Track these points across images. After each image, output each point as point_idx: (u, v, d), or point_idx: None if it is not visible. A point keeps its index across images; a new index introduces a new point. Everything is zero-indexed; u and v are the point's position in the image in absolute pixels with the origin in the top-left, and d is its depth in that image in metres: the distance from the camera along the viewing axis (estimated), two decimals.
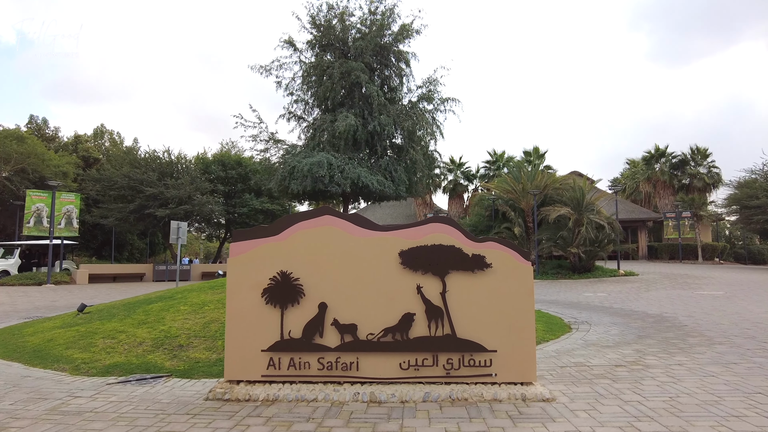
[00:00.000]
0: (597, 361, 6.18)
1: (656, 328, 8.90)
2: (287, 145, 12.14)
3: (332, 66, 11.60)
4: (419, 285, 4.81)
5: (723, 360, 6.07)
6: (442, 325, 4.77)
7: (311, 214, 5.04)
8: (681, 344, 7.23)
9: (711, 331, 8.30)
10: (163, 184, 24.43)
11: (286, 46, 12.68)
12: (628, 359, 6.24)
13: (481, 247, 4.86)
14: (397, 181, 11.58)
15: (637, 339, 7.83)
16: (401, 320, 4.78)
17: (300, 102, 12.48)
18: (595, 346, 7.30)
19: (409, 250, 4.85)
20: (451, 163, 39.03)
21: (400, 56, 12.26)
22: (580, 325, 9.56)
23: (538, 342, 7.64)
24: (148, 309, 8.75)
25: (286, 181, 11.13)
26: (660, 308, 11.78)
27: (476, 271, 4.81)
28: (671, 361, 6.05)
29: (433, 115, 12.80)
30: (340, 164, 10.69)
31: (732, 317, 9.93)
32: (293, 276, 4.89)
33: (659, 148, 37.21)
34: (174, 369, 5.97)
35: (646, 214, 36.35)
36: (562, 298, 15.25)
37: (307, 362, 4.81)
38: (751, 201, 26.31)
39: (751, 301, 12.76)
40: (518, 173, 26.55)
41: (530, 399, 4.46)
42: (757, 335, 7.81)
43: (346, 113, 11.19)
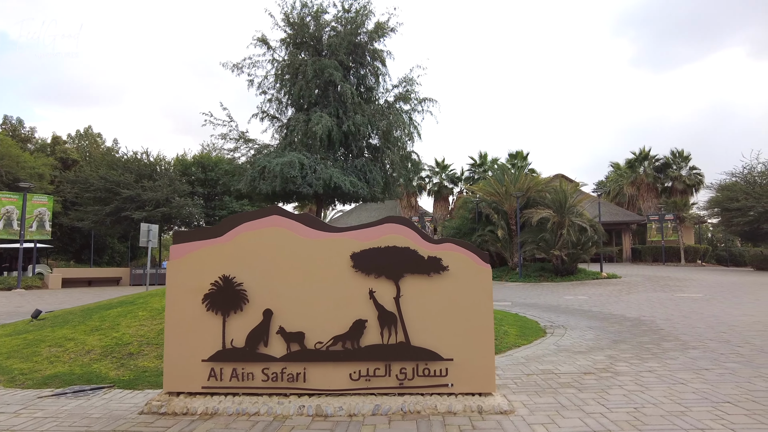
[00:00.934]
0: (566, 368, 5.93)
1: (632, 332, 8.69)
2: (258, 144, 11.80)
3: (305, 64, 11.30)
4: (372, 289, 4.51)
5: (695, 366, 5.84)
6: (396, 333, 4.47)
7: (257, 214, 4.72)
8: (655, 349, 7.01)
9: (686, 335, 8.11)
10: (141, 186, 23.89)
11: (259, 44, 12.35)
12: (598, 366, 5.99)
13: (437, 249, 4.58)
14: (372, 182, 11.28)
15: (612, 344, 7.60)
16: (352, 327, 4.48)
17: (273, 101, 12.16)
18: (568, 351, 7.06)
19: (362, 252, 4.55)
20: (436, 166, 38.87)
21: (375, 55, 11.99)
22: (555, 330, 9.32)
23: (509, 348, 7.39)
24: (105, 315, 8.34)
25: (255, 181, 10.79)
26: (639, 311, 11.61)
27: (432, 275, 4.52)
28: (642, 368, 5.81)
29: (410, 116, 12.54)
30: (312, 164, 10.37)
31: (709, 320, 9.76)
32: (236, 281, 4.57)
33: (643, 150, 37.40)
34: (118, 379, 5.60)
35: (630, 216, 36.45)
36: (542, 301, 15.05)
37: (251, 373, 4.48)
38: (731, 203, 26.43)
39: (729, 303, 12.65)
40: (501, 176, 26.41)
41: (487, 411, 4.18)
42: (731, 339, 7.62)
43: (320, 113, 10.88)
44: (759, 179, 26.71)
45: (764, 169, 26.73)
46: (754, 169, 27.21)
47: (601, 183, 48.78)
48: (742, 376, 5.27)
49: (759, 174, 26.89)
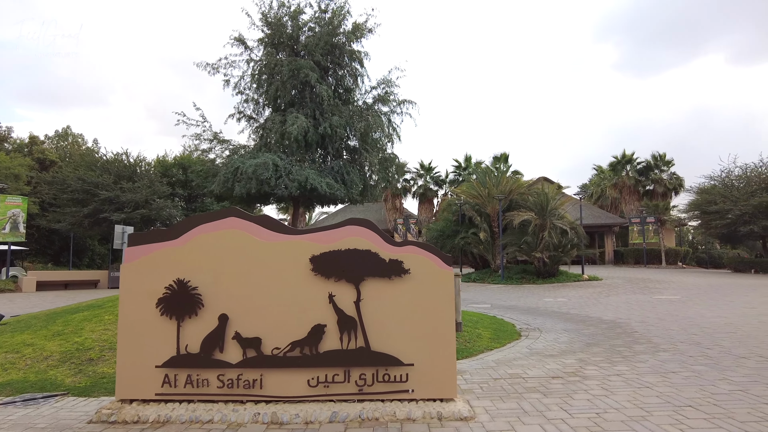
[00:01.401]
0: (535, 372, 5.86)
1: (607, 334, 8.69)
2: (234, 145, 11.62)
3: (281, 64, 11.16)
4: (331, 293, 4.40)
5: (663, 369, 5.82)
6: (356, 337, 4.37)
7: (214, 216, 4.59)
8: (626, 352, 6.99)
9: (659, 338, 8.11)
10: (119, 188, 23.49)
11: (236, 43, 12.19)
12: (567, 369, 5.94)
13: (399, 252, 4.48)
14: (350, 184, 11.16)
15: (585, 347, 7.57)
16: (311, 333, 4.36)
17: (250, 101, 12.00)
18: (539, 355, 7.01)
19: (322, 255, 4.44)
20: (421, 168, 38.88)
21: (353, 56, 11.88)
22: (530, 332, 9.29)
23: (481, 351, 7.33)
24: (69, 319, 8.11)
25: (229, 182, 10.62)
26: (616, 314, 11.64)
27: (393, 278, 4.43)
28: (611, 371, 5.77)
29: (389, 117, 12.46)
30: (287, 166, 10.22)
31: (683, 322, 9.81)
32: (191, 284, 4.42)
33: (626, 154, 37.80)
34: (73, 386, 5.41)
35: (613, 219, 36.80)
36: (521, 303, 15.05)
37: (206, 379, 4.34)
38: (709, 207, 26.77)
39: (705, 305, 12.75)
40: (484, 178, 26.47)
41: (446, 418, 4.09)
42: (702, 341, 7.64)
43: (296, 114, 10.74)
44: (736, 183, 27.10)
45: (741, 173, 27.13)
46: (732, 172, 27.62)
47: (584, 186, 49.35)
48: (707, 379, 5.25)
49: (736, 178, 27.28)
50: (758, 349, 6.89)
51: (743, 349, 6.91)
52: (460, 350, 7.18)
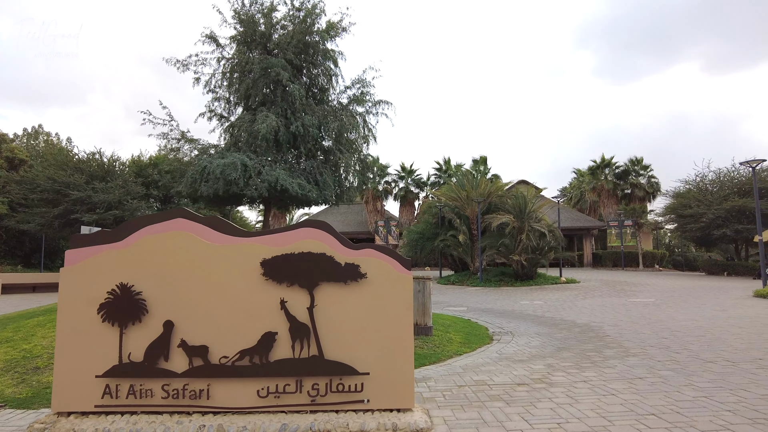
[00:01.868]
0: (501, 378, 5.72)
1: (578, 339, 8.62)
2: (203, 144, 11.30)
3: (252, 62, 10.91)
4: (283, 299, 4.19)
5: (630, 374, 5.73)
6: (309, 345, 4.16)
7: (162, 217, 4.34)
8: (596, 357, 6.91)
9: (630, 342, 8.06)
10: (92, 188, 22.84)
11: (208, 41, 11.89)
12: (534, 376, 5.81)
13: (356, 255, 4.29)
14: (323, 185, 10.93)
15: (555, 351, 7.47)
16: (261, 340, 4.14)
17: (221, 100, 11.71)
18: (508, 360, 6.88)
19: (273, 259, 4.23)
20: (402, 171, 38.75)
21: (327, 55, 11.68)
22: (502, 336, 9.18)
23: (450, 356, 7.17)
24: (22, 325, 7.74)
25: (197, 183, 10.31)
26: (590, 317, 11.62)
27: (349, 283, 4.23)
28: (578, 378, 5.66)
29: (364, 118, 12.27)
30: (257, 166, 9.96)
31: (655, 325, 9.81)
32: (135, 289, 4.17)
33: (604, 158, 38.19)
34: (13, 397, 5.09)
35: (591, 222, 37.14)
36: (497, 306, 14.98)
37: (150, 390, 4.09)
38: (684, 210, 27.14)
39: (677, 308, 12.83)
40: (463, 181, 26.48)
41: (402, 429, 3.90)
42: (672, 345, 7.60)
43: (267, 113, 10.48)
44: (710, 187, 27.54)
45: (715, 178, 27.58)
46: (706, 177, 28.07)
47: (564, 189, 49.78)
48: (672, 385, 5.16)
49: (710, 182, 27.73)
50: (725, 353, 6.86)
51: (710, 353, 6.87)
52: (428, 355, 7.03)
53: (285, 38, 10.98)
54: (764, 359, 6.36)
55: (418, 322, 8.29)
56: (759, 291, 15.21)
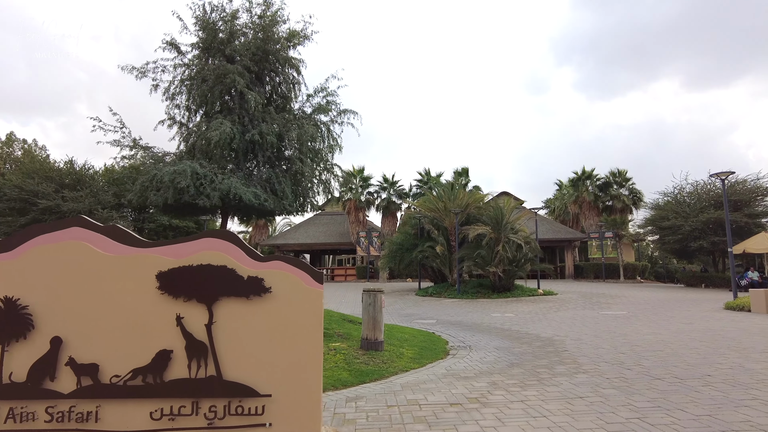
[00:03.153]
0: (437, 397, 5.43)
1: (536, 353, 8.36)
2: (159, 152, 10.98)
3: (207, 69, 10.67)
4: (179, 315, 3.88)
5: (572, 393, 5.47)
6: (206, 365, 3.85)
7: (56, 226, 4.03)
8: (545, 374, 6.64)
9: (586, 357, 7.82)
10: (61, 197, 22.35)
11: (168, 47, 11.63)
12: (473, 395, 5.53)
13: (261, 268, 4.01)
14: (281, 194, 10.64)
15: (506, 368, 7.20)
16: (155, 359, 3.82)
17: (182, 107, 11.43)
18: (454, 377, 6.59)
19: (170, 271, 3.92)
20: (384, 182, 38.58)
21: (289, 63, 11.48)
22: (459, 351, 8.91)
23: (394, 373, 6.87)
24: None
25: (147, 191, 9.98)
26: (555, 330, 11.39)
27: (252, 297, 3.94)
28: (517, 397, 5.38)
29: (328, 127, 12.04)
30: (209, 174, 9.66)
31: (617, 340, 9.59)
32: (21, 303, 3.84)
33: (585, 170, 38.30)
34: None
35: (573, 234, 37.14)
36: (468, 318, 14.71)
37: (33, 412, 3.74)
38: (662, 222, 27.18)
39: (646, 321, 12.65)
40: (441, 192, 26.34)
41: None
42: (626, 360, 7.37)
43: (222, 120, 10.22)
44: (688, 199, 27.64)
45: (692, 190, 27.69)
46: (684, 189, 28.18)
47: (548, 201, 49.89)
48: (610, 405, 4.91)
49: (688, 194, 27.84)
50: (677, 368, 6.64)
51: (662, 369, 6.65)
52: (371, 372, 6.73)
53: (243, 45, 10.76)
54: (713, 375, 6.14)
55: (367, 337, 7.99)
56: (729, 303, 15.10)
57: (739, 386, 5.57)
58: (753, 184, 25.95)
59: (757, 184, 25.81)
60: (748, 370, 6.40)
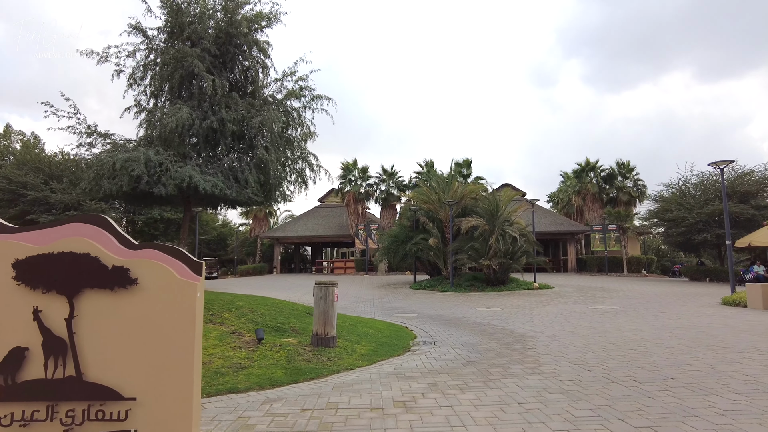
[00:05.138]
0: (362, 400, 4.97)
1: (500, 351, 7.86)
2: (118, 139, 10.58)
3: (167, 53, 10.23)
4: (37, 308, 3.45)
5: (513, 398, 4.97)
6: (65, 364, 3.42)
7: None
8: (497, 374, 6.15)
9: (551, 355, 7.31)
10: (49, 188, 22.19)
11: (134, 31, 11.20)
12: (403, 398, 5.06)
13: (131, 257, 3.56)
14: (243, 183, 10.19)
15: (459, 366, 6.72)
16: (7, 357, 3.40)
17: (145, 93, 11.01)
18: (399, 376, 6.13)
19: (28, 260, 3.49)
20: (383, 173, 38.04)
21: (255, 46, 11.00)
22: (421, 347, 8.43)
23: (336, 371, 6.42)
24: None
25: (102, 179, 9.61)
26: (534, 326, 10.85)
27: (117, 290, 3.49)
28: (449, 402, 4.91)
29: (299, 113, 11.56)
30: (164, 161, 9.24)
31: (594, 336, 9.04)
32: None
33: (589, 161, 37.38)
34: None
35: (576, 227, 36.32)
36: (451, 312, 14.22)
37: None
38: (666, 215, 26.35)
39: (633, 316, 12.05)
40: (435, 183, 25.78)
41: None
42: (591, 360, 6.84)
43: (180, 106, 9.79)
44: (693, 191, 26.74)
45: (698, 181, 26.77)
46: (689, 181, 27.27)
47: (553, 194, 48.94)
48: (545, 414, 4.41)
49: (693, 186, 26.93)
50: (641, 370, 6.10)
51: (625, 370, 6.11)
52: (309, 371, 6.28)
53: (204, 28, 10.30)
54: (676, 378, 5.60)
55: (318, 333, 7.55)
56: (726, 298, 14.41)
57: (699, 391, 5.03)
58: (761, 175, 25.00)
59: (765, 175, 24.85)
60: (718, 372, 5.85)
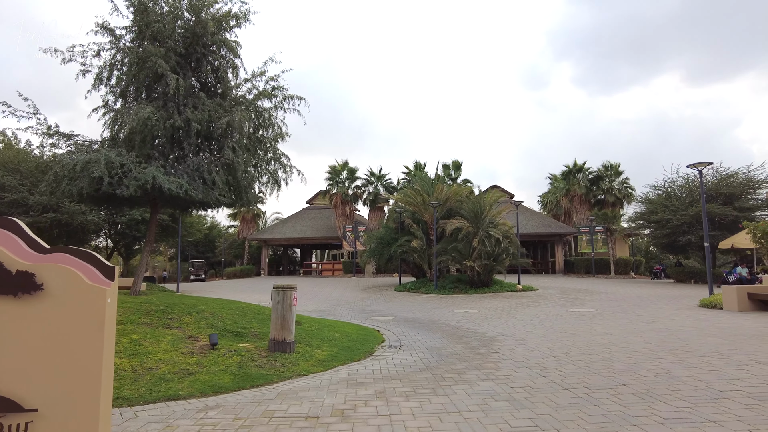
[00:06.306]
0: (301, 408, 4.82)
1: (462, 355, 7.74)
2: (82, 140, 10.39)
3: (131, 52, 10.06)
4: None
5: (455, 407, 4.84)
6: None
7: None
8: (449, 381, 6.02)
9: (511, 360, 7.20)
10: (27, 190, 21.85)
11: (102, 31, 11.01)
12: (345, 405, 4.92)
13: (39, 261, 3.40)
14: (210, 184, 10.03)
15: (416, 372, 6.60)
16: None
17: (109, 93, 10.83)
18: (348, 382, 5.99)
19: None
20: (371, 175, 37.91)
21: (223, 45, 10.85)
22: (385, 351, 8.31)
23: (289, 377, 6.28)
24: None
25: (62, 182, 9.42)
26: (505, 329, 10.74)
27: (21, 296, 3.33)
28: (390, 410, 4.78)
29: (269, 113, 11.41)
30: (126, 162, 9.07)
31: (561, 340, 8.94)
32: None
33: (577, 163, 37.43)
34: None
35: (563, 228, 36.33)
36: (427, 315, 14.10)
37: None
38: (651, 216, 26.37)
39: (609, 319, 11.98)
40: (420, 185, 25.68)
41: None
42: (551, 365, 6.72)
43: (143, 105, 9.62)
44: (679, 193, 26.77)
45: (683, 183, 26.81)
46: (675, 182, 27.29)
47: (544, 195, 49.00)
48: (482, 423, 4.27)
49: (679, 188, 26.96)
50: (597, 376, 5.99)
51: (580, 376, 6.00)
52: (260, 377, 6.13)
53: (170, 27, 10.14)
54: (628, 384, 5.49)
55: (275, 338, 7.40)
56: (704, 300, 14.37)
57: (648, 398, 4.92)
58: (745, 177, 25.06)
59: (748, 177, 24.93)
60: (672, 378, 5.75)
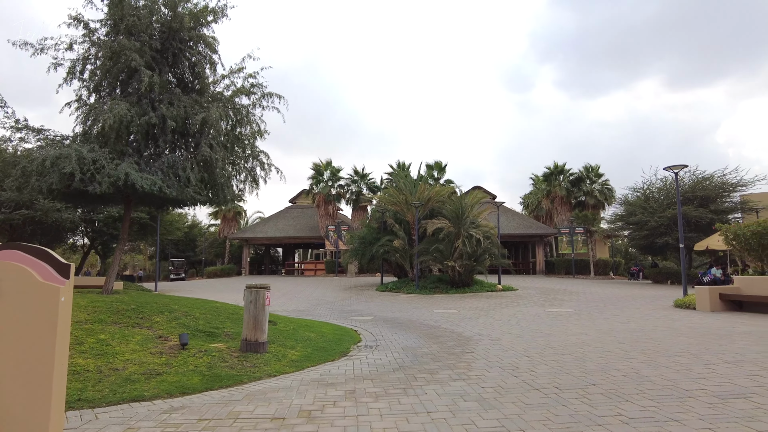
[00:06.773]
0: (268, 409, 4.74)
1: (436, 355, 7.72)
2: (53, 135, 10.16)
3: (104, 46, 9.86)
4: None
5: (424, 407, 4.80)
6: None
7: None
8: (421, 381, 5.99)
9: (485, 360, 7.21)
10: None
11: (75, 23, 10.77)
12: (313, 407, 4.85)
13: None
14: (184, 181, 9.86)
15: (389, 372, 6.56)
16: None
17: (84, 88, 10.59)
18: (319, 383, 5.92)
19: None
20: (355, 174, 37.81)
21: (200, 41, 10.69)
22: (360, 351, 8.27)
23: (260, 378, 6.18)
24: None
25: (31, 177, 9.19)
26: (482, 329, 10.77)
27: None
28: (358, 411, 4.72)
29: (248, 110, 11.28)
30: (98, 158, 8.87)
31: (536, 341, 8.99)
32: None
33: (557, 165, 37.81)
34: None
35: (544, 229, 36.68)
36: (406, 315, 14.08)
37: None
38: (630, 218, 26.76)
39: (587, 319, 12.10)
40: (402, 185, 25.68)
41: None
42: (523, 365, 6.74)
43: (118, 101, 9.43)
44: (657, 195, 27.22)
45: (662, 186, 27.26)
46: (653, 185, 27.74)
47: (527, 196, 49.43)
48: (449, 424, 4.24)
49: (657, 190, 27.41)
50: (568, 376, 6.02)
51: (551, 377, 6.02)
52: (228, 377, 6.03)
53: (145, 21, 9.95)
54: (598, 384, 5.52)
55: (247, 338, 7.30)
56: (678, 301, 14.61)
57: (615, 398, 4.95)
58: (720, 180, 25.58)
59: (723, 180, 25.44)
60: (642, 378, 5.80)
